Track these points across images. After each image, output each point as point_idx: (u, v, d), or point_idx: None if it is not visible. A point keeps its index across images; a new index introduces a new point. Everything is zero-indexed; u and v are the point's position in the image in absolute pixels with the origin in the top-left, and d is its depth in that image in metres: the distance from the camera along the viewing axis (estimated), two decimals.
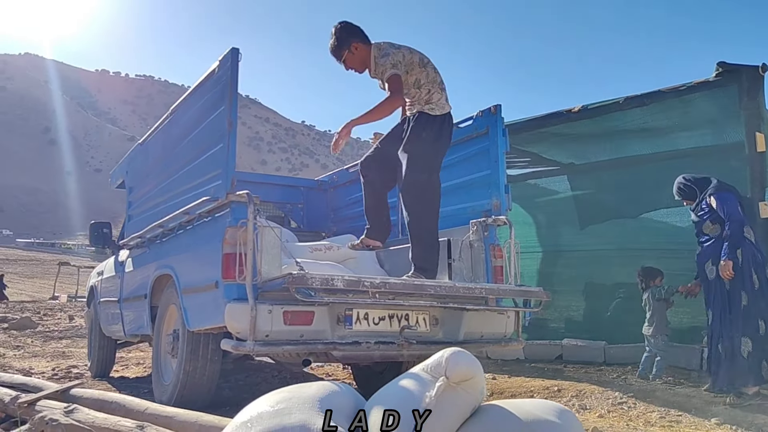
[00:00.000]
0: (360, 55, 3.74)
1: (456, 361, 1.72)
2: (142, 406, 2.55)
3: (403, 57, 3.65)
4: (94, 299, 6.11)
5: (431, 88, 3.69)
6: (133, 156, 5.14)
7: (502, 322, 3.62)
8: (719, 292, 4.29)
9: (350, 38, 3.72)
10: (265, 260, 3.03)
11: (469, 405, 1.74)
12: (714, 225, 4.33)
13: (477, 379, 1.74)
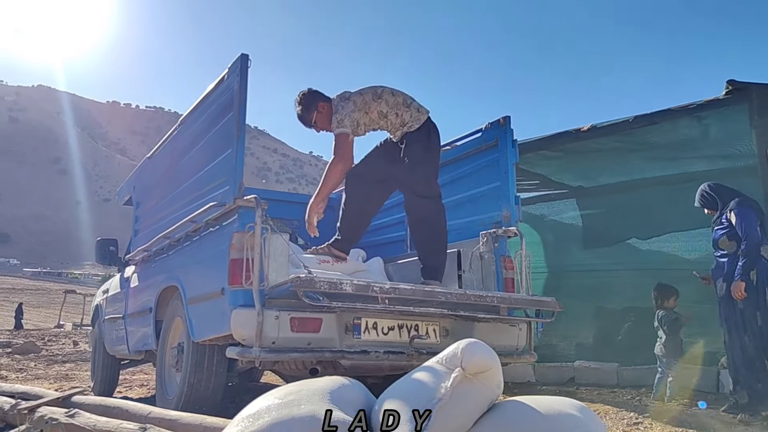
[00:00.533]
0: (327, 114, 3.82)
1: (472, 352, 1.65)
2: (145, 410, 2.48)
3: (354, 104, 3.72)
4: (98, 318, 6.05)
5: (398, 111, 3.76)
6: (140, 171, 5.14)
7: (514, 334, 3.54)
8: (732, 311, 4.19)
9: (316, 100, 3.84)
10: (273, 267, 2.97)
11: (486, 398, 1.67)
12: (730, 241, 4.24)
13: (494, 371, 1.67)
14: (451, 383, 1.60)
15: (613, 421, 4.04)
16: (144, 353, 4.76)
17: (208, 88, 3.57)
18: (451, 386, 1.60)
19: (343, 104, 3.73)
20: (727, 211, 4.29)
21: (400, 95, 3.83)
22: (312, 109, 3.83)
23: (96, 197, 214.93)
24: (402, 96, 3.83)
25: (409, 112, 3.77)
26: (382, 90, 3.83)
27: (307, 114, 3.84)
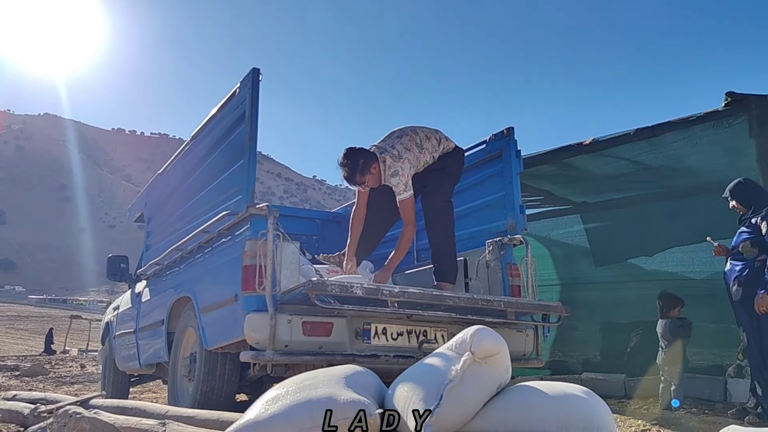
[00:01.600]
0: (378, 174, 3.79)
1: (481, 337, 1.72)
2: (163, 409, 2.54)
3: (410, 163, 3.77)
4: (109, 335, 6.11)
5: (434, 154, 3.91)
6: (152, 187, 5.24)
7: (522, 339, 3.59)
8: (747, 316, 4.12)
9: (368, 162, 3.74)
10: (285, 272, 3.06)
11: (494, 381, 1.74)
12: (753, 248, 4.13)
13: (502, 356, 1.74)
14: (461, 366, 1.67)
15: (622, 429, 4.05)
16: (155, 367, 4.81)
17: (220, 103, 3.68)
18: (461, 369, 1.67)
19: (401, 165, 3.73)
20: (757, 217, 4.15)
21: (432, 136, 3.95)
22: (366, 173, 3.74)
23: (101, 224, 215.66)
24: (433, 136, 3.95)
25: (443, 144, 3.96)
26: (421, 138, 3.90)
27: (360, 177, 3.74)
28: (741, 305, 4.16)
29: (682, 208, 6.35)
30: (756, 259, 4.12)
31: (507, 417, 1.66)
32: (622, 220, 7.04)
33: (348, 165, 3.72)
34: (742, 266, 4.20)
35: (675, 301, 5.01)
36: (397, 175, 3.71)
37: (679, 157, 5.91)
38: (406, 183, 3.71)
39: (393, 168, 3.73)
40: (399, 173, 3.71)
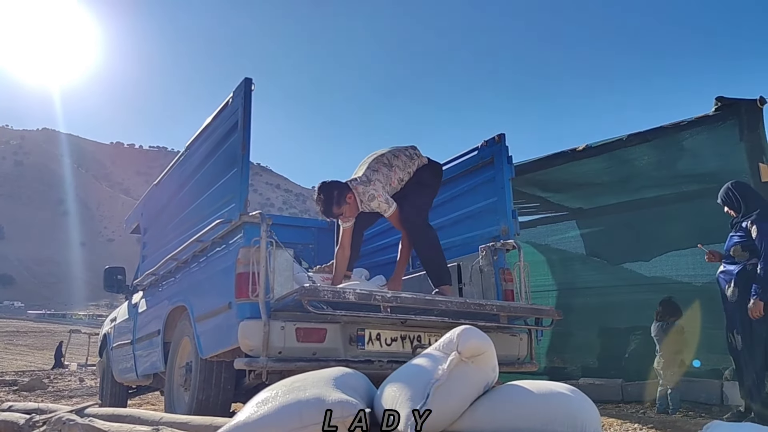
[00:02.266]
0: (354, 203, 3.87)
1: (467, 336, 1.75)
2: (157, 416, 2.55)
3: (380, 183, 3.84)
4: (106, 347, 6.11)
5: (409, 170, 3.97)
6: (148, 197, 5.27)
7: (515, 344, 3.61)
8: (740, 320, 4.13)
9: (343, 193, 3.82)
10: (278, 279, 3.09)
11: (481, 380, 1.76)
12: (744, 252, 4.17)
13: (488, 355, 1.77)
14: (448, 366, 1.69)
15: None
16: (152, 378, 4.81)
17: (213, 113, 3.72)
18: (447, 368, 1.69)
19: (374, 188, 3.80)
20: (748, 220, 4.19)
21: (401, 153, 4.01)
22: (342, 203, 3.81)
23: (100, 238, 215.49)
24: (402, 153, 4.02)
25: (416, 161, 4.01)
26: (389, 157, 3.98)
27: (337, 209, 3.82)
28: (737, 306, 4.17)
29: (677, 212, 6.38)
30: (748, 262, 4.14)
31: (494, 415, 1.68)
32: (617, 225, 7.06)
33: (323, 199, 3.83)
34: (736, 269, 4.22)
35: (674, 310, 5.03)
36: (375, 199, 3.79)
37: (671, 162, 5.95)
38: (386, 200, 3.80)
39: (368, 193, 3.80)
40: (375, 196, 3.79)
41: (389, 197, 3.84)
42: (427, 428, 1.65)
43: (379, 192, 3.80)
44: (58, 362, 21.85)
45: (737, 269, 4.20)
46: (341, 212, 3.84)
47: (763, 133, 5.11)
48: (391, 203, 3.80)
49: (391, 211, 3.81)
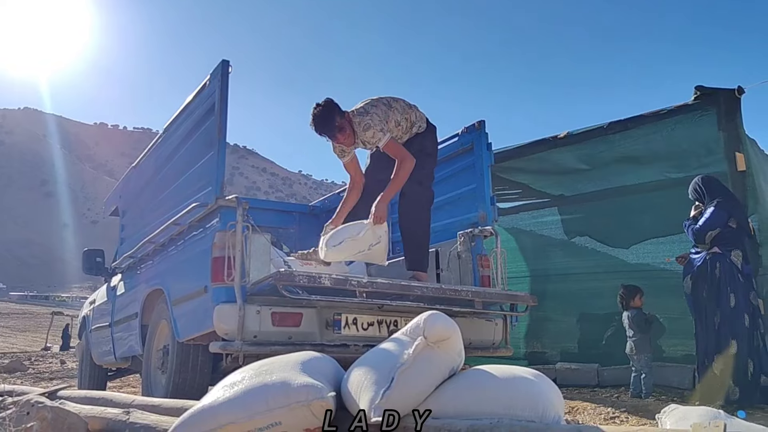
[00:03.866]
0: (347, 132, 3.76)
1: (433, 321, 1.77)
2: (129, 398, 2.56)
3: (378, 118, 3.71)
4: (85, 329, 6.09)
5: (407, 116, 3.85)
6: (126, 180, 5.23)
7: (491, 329, 3.65)
8: (694, 309, 4.30)
9: (334, 114, 3.70)
10: (254, 264, 3.08)
11: (446, 364, 1.78)
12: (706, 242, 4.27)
13: (454, 340, 1.79)
14: (414, 350, 1.71)
15: (591, 416, 4.13)
16: (130, 360, 4.81)
17: (190, 95, 3.68)
18: (413, 353, 1.71)
19: (370, 119, 3.69)
20: (710, 205, 4.32)
21: (401, 100, 3.92)
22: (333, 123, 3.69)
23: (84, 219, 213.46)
24: (404, 101, 3.92)
25: (416, 115, 3.89)
26: (387, 99, 3.88)
27: (329, 129, 3.70)
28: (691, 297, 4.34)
29: (656, 200, 6.44)
30: (709, 252, 4.24)
31: (458, 398, 1.71)
32: (598, 212, 7.12)
33: (317, 115, 3.69)
34: (696, 259, 4.32)
35: (634, 291, 5.12)
36: (370, 128, 3.67)
37: (651, 150, 6.00)
38: (381, 128, 3.65)
39: (363, 123, 3.69)
40: (371, 125, 3.66)
41: (385, 126, 3.69)
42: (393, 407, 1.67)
43: (375, 123, 3.66)
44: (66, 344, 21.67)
45: (694, 262, 4.33)
46: (333, 134, 3.71)
47: (740, 123, 5.16)
48: (386, 132, 3.66)
49: (386, 140, 3.65)
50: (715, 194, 4.42)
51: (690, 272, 4.35)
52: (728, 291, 4.16)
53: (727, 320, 4.14)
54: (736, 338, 4.14)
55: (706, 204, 4.40)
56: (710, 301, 4.16)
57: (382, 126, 3.67)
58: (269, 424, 1.66)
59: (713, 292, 4.16)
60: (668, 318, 5.79)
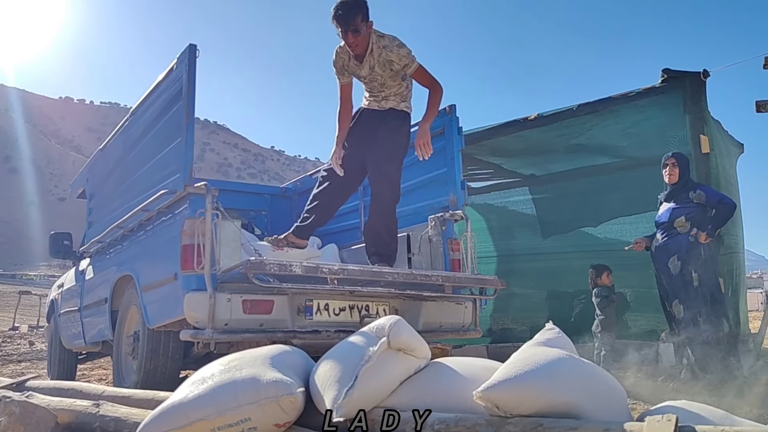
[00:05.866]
0: (367, 33, 3.45)
1: (397, 332, 1.81)
2: (99, 389, 2.55)
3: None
4: (54, 313, 6.02)
5: (408, 85, 3.73)
6: (93, 162, 5.14)
7: (460, 311, 3.71)
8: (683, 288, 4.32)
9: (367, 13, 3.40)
10: (224, 252, 3.07)
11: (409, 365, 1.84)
12: (686, 223, 4.35)
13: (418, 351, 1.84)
14: (378, 349, 1.75)
15: None
16: (101, 345, 4.78)
17: (157, 79, 3.62)
18: (377, 352, 1.74)
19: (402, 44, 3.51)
20: (690, 191, 4.41)
21: None
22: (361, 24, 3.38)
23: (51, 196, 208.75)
24: None
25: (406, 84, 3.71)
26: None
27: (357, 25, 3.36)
28: (679, 278, 4.35)
29: (623, 180, 6.57)
30: (689, 234, 4.32)
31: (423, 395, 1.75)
32: (568, 192, 7.23)
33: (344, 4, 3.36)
34: (676, 238, 4.39)
35: (601, 269, 5.25)
36: (404, 47, 3.47)
37: (619, 132, 6.10)
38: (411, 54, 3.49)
39: (397, 42, 3.48)
40: (404, 46, 3.48)
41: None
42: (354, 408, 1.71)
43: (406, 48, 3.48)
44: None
45: (680, 242, 4.36)
46: (354, 25, 3.34)
47: (705, 105, 5.27)
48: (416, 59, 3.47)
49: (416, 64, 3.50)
50: (687, 175, 4.51)
51: (677, 253, 4.36)
52: (716, 272, 4.28)
53: (718, 301, 4.26)
54: (725, 317, 4.27)
55: (685, 188, 4.45)
56: (700, 282, 4.25)
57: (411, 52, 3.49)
58: (239, 420, 1.68)
59: (703, 274, 4.25)
60: (635, 291, 5.97)
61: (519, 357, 1.71)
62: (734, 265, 5.53)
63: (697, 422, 1.40)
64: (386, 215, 3.62)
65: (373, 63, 3.55)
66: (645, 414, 1.65)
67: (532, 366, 1.58)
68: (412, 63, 3.52)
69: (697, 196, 4.37)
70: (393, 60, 3.51)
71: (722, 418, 1.53)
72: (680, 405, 1.72)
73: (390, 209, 3.65)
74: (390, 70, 3.56)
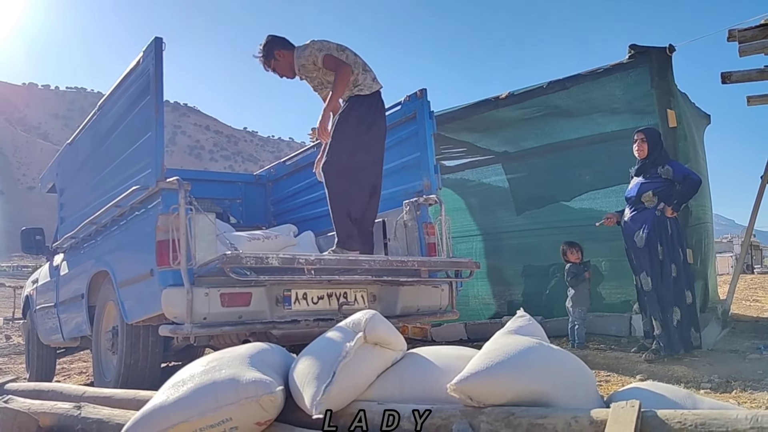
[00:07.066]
0: (286, 61, 3.87)
1: (373, 326, 1.84)
2: (80, 390, 2.55)
3: (321, 44, 3.77)
4: (30, 309, 5.96)
5: (355, 70, 3.76)
6: (62, 157, 5.06)
7: (437, 294, 3.76)
8: (650, 263, 4.42)
9: (273, 48, 3.88)
10: (200, 246, 3.06)
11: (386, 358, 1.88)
12: (653, 197, 4.43)
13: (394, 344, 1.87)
14: (355, 344, 1.79)
15: None
16: (79, 339, 4.76)
17: (124, 72, 3.57)
18: (353, 347, 1.78)
19: (311, 43, 3.79)
20: (659, 166, 4.47)
21: (361, 59, 3.87)
22: (270, 58, 3.89)
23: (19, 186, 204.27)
24: (362, 60, 3.86)
25: (365, 76, 3.79)
26: (346, 47, 3.85)
27: (266, 62, 3.91)
28: (645, 251, 4.46)
29: (594, 155, 6.67)
30: (656, 208, 4.42)
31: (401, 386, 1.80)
32: (540, 168, 7.31)
33: (264, 48, 3.91)
34: (644, 212, 4.49)
35: (572, 246, 5.38)
36: (306, 49, 3.77)
37: (588, 108, 6.18)
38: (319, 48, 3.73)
39: (300, 49, 3.81)
40: (308, 46, 3.77)
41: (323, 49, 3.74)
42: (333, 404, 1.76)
43: (314, 48, 3.74)
44: None
45: (647, 216, 4.46)
46: (271, 66, 3.91)
47: (671, 80, 5.36)
48: (322, 50, 3.72)
49: (322, 55, 3.71)
50: (662, 151, 4.60)
51: (643, 226, 4.45)
52: (678, 244, 4.40)
53: (683, 273, 4.38)
54: (690, 290, 4.40)
55: (654, 164, 4.52)
56: (666, 255, 4.36)
57: (320, 47, 3.74)
58: (220, 420, 1.71)
59: (669, 246, 4.36)
60: (609, 262, 6.11)
61: (491, 348, 1.76)
62: (703, 235, 5.69)
63: (660, 405, 1.47)
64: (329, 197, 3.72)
65: (301, 75, 3.90)
66: (612, 398, 1.72)
67: (503, 357, 1.64)
68: (318, 55, 3.74)
69: (665, 172, 4.46)
70: (305, 64, 3.80)
71: (685, 398, 1.61)
72: (646, 386, 1.79)
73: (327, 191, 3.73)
74: (314, 72, 3.82)
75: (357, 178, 3.68)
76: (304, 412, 1.78)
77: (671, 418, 1.34)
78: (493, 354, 1.67)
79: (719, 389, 3.46)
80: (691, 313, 4.39)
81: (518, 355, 1.66)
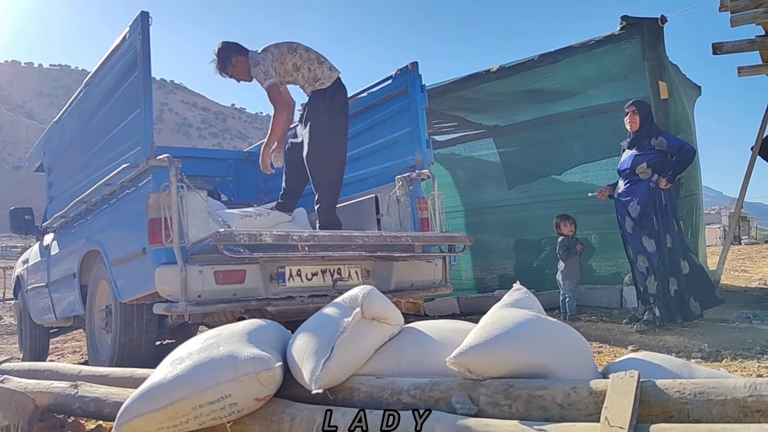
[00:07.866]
0: (243, 66, 3.97)
1: (370, 301, 1.85)
2: (76, 369, 2.55)
3: (272, 56, 3.87)
4: (21, 289, 5.93)
5: (310, 66, 3.92)
6: (49, 135, 4.98)
7: (431, 269, 3.77)
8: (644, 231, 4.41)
9: (229, 55, 3.97)
10: (192, 223, 3.05)
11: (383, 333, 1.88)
12: (647, 169, 4.43)
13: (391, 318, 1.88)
14: (352, 320, 1.79)
15: None
16: (72, 319, 4.75)
17: (110, 48, 3.50)
18: (351, 322, 1.78)
19: (263, 56, 3.87)
20: (652, 138, 4.47)
21: (314, 52, 3.99)
22: (227, 65, 3.97)
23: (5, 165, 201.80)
24: (315, 53, 3.99)
25: (321, 68, 3.93)
26: (297, 45, 3.98)
27: (223, 69, 4.00)
28: (639, 221, 4.46)
29: (585, 127, 6.66)
30: (650, 180, 4.43)
31: (399, 360, 1.81)
32: (531, 142, 7.30)
33: (217, 56, 4.00)
34: (638, 184, 4.49)
35: (563, 219, 5.39)
36: (258, 65, 3.83)
37: (580, 80, 6.15)
38: (265, 72, 3.83)
39: (255, 58, 3.88)
40: (258, 62, 3.83)
41: (272, 72, 3.84)
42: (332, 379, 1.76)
43: (266, 61, 3.83)
44: None
45: (641, 188, 4.46)
46: (228, 72, 4.00)
47: (663, 51, 5.34)
48: (270, 77, 3.83)
49: (267, 83, 3.82)
50: (653, 123, 4.60)
51: (638, 198, 4.45)
52: (672, 215, 4.43)
53: (678, 243, 4.41)
54: (687, 259, 4.43)
55: (647, 136, 4.51)
56: (660, 226, 4.38)
57: (268, 69, 3.82)
58: (219, 397, 1.71)
59: (663, 218, 4.38)
60: (600, 234, 6.15)
61: (488, 320, 1.77)
62: (694, 206, 5.73)
63: (657, 375, 1.48)
64: None
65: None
66: (608, 369, 1.73)
67: (502, 329, 1.65)
68: (262, 82, 3.86)
69: (659, 143, 4.45)
70: (254, 76, 3.93)
71: (681, 368, 1.63)
72: (642, 357, 1.81)
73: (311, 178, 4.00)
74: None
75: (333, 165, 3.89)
76: (303, 387, 1.79)
77: (670, 387, 1.35)
78: (492, 327, 1.68)
79: (710, 358, 3.51)
80: (689, 283, 4.41)
81: (517, 327, 1.67)
